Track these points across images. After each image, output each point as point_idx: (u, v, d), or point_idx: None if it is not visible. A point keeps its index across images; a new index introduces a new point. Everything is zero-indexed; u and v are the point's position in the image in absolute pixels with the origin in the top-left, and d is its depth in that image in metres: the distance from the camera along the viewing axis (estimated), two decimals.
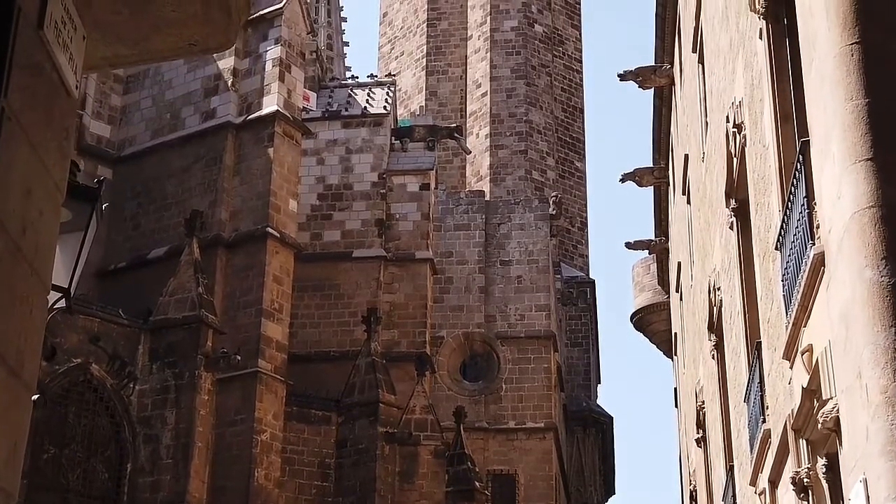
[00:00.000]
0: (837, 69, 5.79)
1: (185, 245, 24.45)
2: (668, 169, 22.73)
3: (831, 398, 6.33)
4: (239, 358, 23.54)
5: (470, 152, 44.63)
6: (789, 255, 7.47)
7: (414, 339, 31.67)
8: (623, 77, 21.05)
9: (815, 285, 6.61)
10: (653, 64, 21.11)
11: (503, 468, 34.87)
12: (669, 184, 22.88)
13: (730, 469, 13.28)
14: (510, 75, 47.24)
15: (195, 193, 26.79)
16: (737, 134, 10.54)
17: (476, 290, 36.25)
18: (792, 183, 7.29)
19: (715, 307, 13.73)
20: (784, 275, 7.80)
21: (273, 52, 27.30)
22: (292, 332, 27.37)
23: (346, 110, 33.53)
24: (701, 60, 14.78)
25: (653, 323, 28.69)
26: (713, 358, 14.47)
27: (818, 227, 6.48)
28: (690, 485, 21.14)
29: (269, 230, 25.71)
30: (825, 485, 7.38)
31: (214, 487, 23.26)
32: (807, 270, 6.66)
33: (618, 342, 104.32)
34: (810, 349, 6.92)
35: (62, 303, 5.28)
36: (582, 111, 49.83)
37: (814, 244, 6.51)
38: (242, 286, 25.51)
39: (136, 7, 4.25)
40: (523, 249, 36.96)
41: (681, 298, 21.91)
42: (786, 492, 8.48)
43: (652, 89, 21.69)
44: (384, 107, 33.80)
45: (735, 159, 10.81)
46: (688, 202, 18.14)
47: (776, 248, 8.13)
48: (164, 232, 26.81)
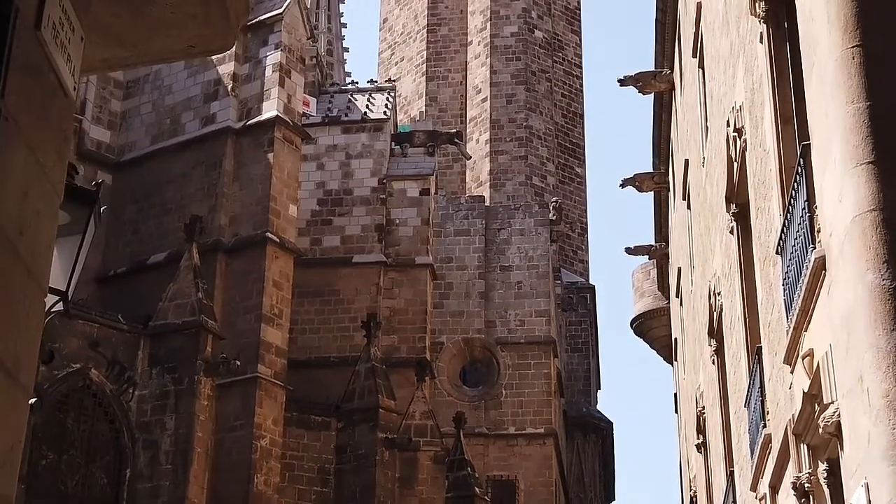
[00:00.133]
0: (838, 73, 5.78)
1: (185, 250, 24.42)
2: (669, 174, 22.72)
3: (832, 402, 6.31)
4: (238, 363, 23.50)
5: (470, 157, 44.64)
6: (790, 259, 7.45)
7: (414, 345, 31.63)
8: (623, 82, 21.04)
9: (816, 289, 6.59)
10: (653, 69, 21.11)
11: (503, 474, 34.83)
12: (669, 189, 22.87)
13: (730, 474, 13.25)
14: (510, 81, 47.26)
15: (195, 198, 26.76)
16: (737, 138, 10.53)
17: (476, 296, 36.23)
18: (793, 187, 7.28)
19: (715, 312, 13.71)
20: (785, 279, 7.78)
21: (273, 58, 27.29)
22: (292, 338, 27.33)
23: (346, 116, 33.51)
24: (701, 65, 14.78)
25: (653, 328, 28.67)
26: (713, 363, 14.44)
27: (819, 231, 6.47)
28: (691, 490, 21.10)
29: (269, 235, 25.69)
30: (826, 490, 7.35)
31: (214, 493, 23.21)
32: (808, 274, 6.64)
33: (618, 348, 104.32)
34: (811, 353, 6.90)
35: (60, 306, 5.25)
36: (582, 116, 49.84)
37: (815, 248, 6.49)
38: (242, 291, 25.48)
39: (135, 9, 4.24)
40: (523, 255, 36.95)
41: (681, 304, 21.89)
42: (787, 497, 8.45)
43: (652, 94, 21.69)
44: (384, 112, 33.79)
45: (735, 163, 10.80)
46: (688, 207, 18.13)
47: (777, 253, 8.11)
48: (164, 237, 26.78)
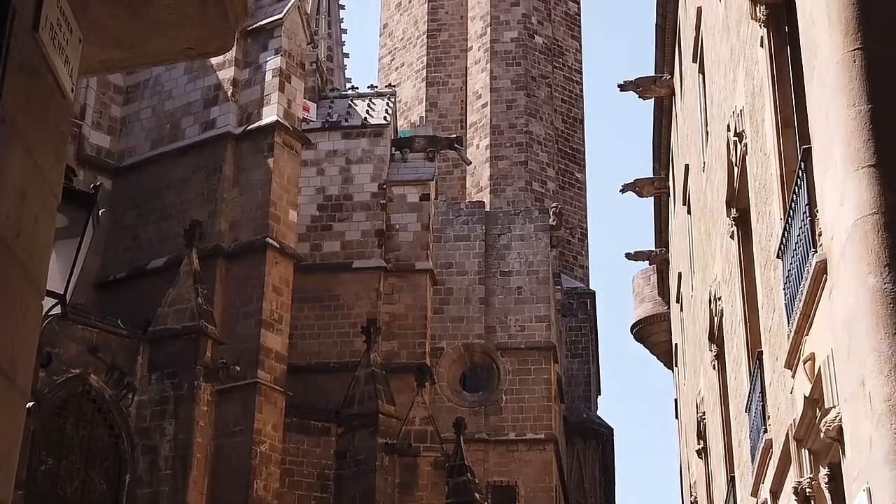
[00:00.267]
0: (839, 76, 5.76)
1: (185, 255, 24.41)
2: (669, 179, 22.70)
3: (834, 407, 6.28)
4: (238, 369, 23.48)
5: (470, 163, 44.63)
6: (791, 264, 7.43)
7: (414, 350, 31.60)
8: (623, 87, 21.04)
9: (818, 293, 6.57)
10: (653, 74, 21.10)
11: (503, 479, 34.77)
12: (670, 194, 22.86)
13: (731, 480, 13.23)
14: (510, 86, 47.27)
15: (195, 204, 26.75)
16: (738, 143, 10.51)
17: (476, 301, 36.19)
18: (793, 191, 7.26)
19: (716, 317, 13.69)
20: (786, 283, 7.75)
21: (273, 63, 27.29)
22: (292, 343, 27.31)
23: (346, 121, 33.51)
24: (701, 70, 14.77)
25: (653, 334, 28.64)
26: (714, 368, 14.42)
27: (820, 235, 6.44)
28: (691, 496, 21.06)
29: (269, 241, 25.67)
30: (828, 495, 7.33)
31: (213, 499, 23.17)
32: (809, 278, 6.61)
33: (618, 353, 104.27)
34: (812, 358, 6.88)
35: (58, 309, 5.23)
36: (582, 122, 49.85)
37: (816, 252, 6.46)
38: (242, 297, 25.46)
39: (133, 10, 4.22)
40: (523, 260, 36.91)
41: (681, 309, 21.87)
42: (788, 502, 8.42)
43: (652, 100, 21.69)
44: (384, 117, 33.79)
45: (736, 168, 10.78)
46: (688, 212, 18.12)
47: (778, 257, 8.09)
48: (164, 242, 26.75)
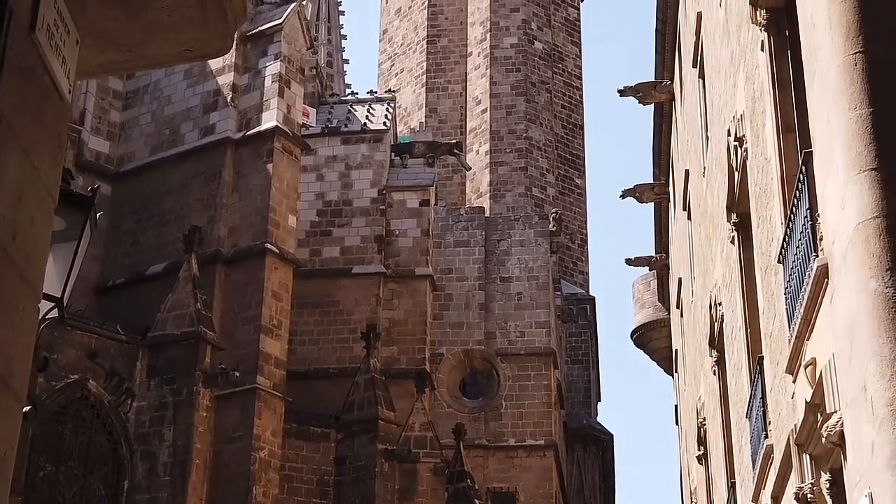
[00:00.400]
0: (841, 79, 5.74)
1: (184, 261, 24.37)
2: (669, 185, 22.68)
3: (835, 412, 6.26)
4: (237, 374, 23.43)
5: (470, 168, 44.63)
6: (792, 268, 7.40)
7: (413, 356, 31.56)
8: (623, 93, 21.03)
9: (819, 298, 6.55)
10: (653, 79, 21.09)
11: (503, 486, 34.72)
12: (670, 200, 22.84)
13: (732, 486, 13.19)
14: (510, 92, 47.28)
15: (194, 209, 26.72)
16: (738, 147, 10.49)
17: (476, 307, 36.16)
18: (794, 195, 7.23)
19: (716, 323, 13.66)
20: (787, 288, 7.73)
21: (272, 68, 27.28)
22: (291, 349, 27.27)
23: (346, 126, 33.50)
24: (701, 75, 14.76)
25: (653, 340, 28.60)
26: (714, 374, 14.39)
27: (821, 239, 6.42)
28: (692, 502, 21.01)
29: (268, 246, 25.63)
30: (829, 500, 7.30)
31: None
32: (810, 283, 6.59)
33: (618, 359, 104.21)
34: (814, 362, 6.85)
35: (55, 313, 5.20)
36: (582, 128, 49.85)
37: (817, 256, 6.44)
38: (241, 302, 25.42)
39: (132, 11, 4.19)
40: (523, 266, 36.89)
41: (681, 315, 21.84)
42: None
43: (652, 105, 21.67)
44: (384, 123, 33.78)
45: (736, 173, 10.76)
46: (688, 218, 18.10)
47: (779, 262, 8.07)
48: (163, 248, 26.72)
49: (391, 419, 27.14)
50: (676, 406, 27.79)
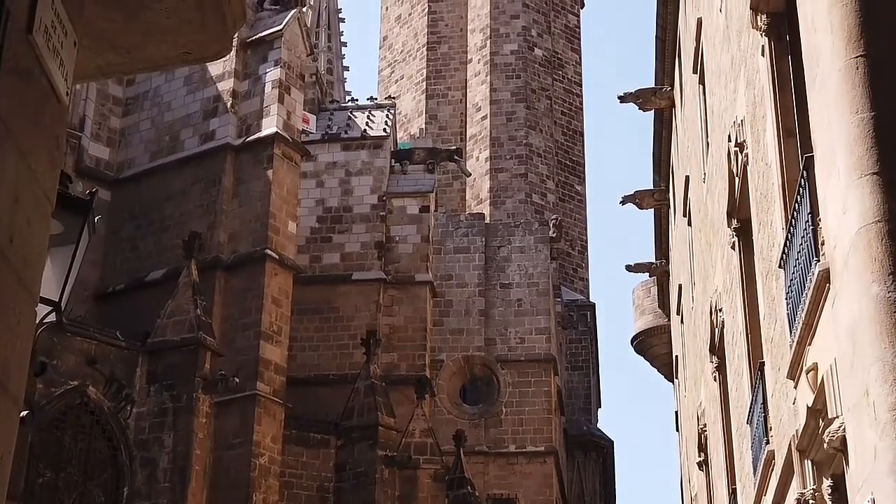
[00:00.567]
0: (842, 82, 5.72)
1: (184, 267, 24.36)
2: (669, 191, 22.67)
3: (837, 417, 6.22)
4: (237, 380, 23.40)
5: (470, 175, 44.61)
6: (793, 273, 7.38)
7: (413, 362, 31.54)
8: (623, 99, 21.01)
9: (820, 302, 6.52)
10: (653, 86, 21.08)
11: (503, 492, 34.63)
12: (670, 206, 22.82)
13: (732, 492, 13.15)
14: (510, 98, 47.28)
15: (194, 215, 26.71)
16: (738, 153, 10.47)
17: (476, 313, 36.11)
18: (796, 200, 7.21)
19: (717, 328, 13.63)
20: (788, 293, 7.70)
21: (272, 74, 27.28)
22: (291, 355, 27.24)
23: (346, 133, 33.51)
24: (702, 81, 14.75)
25: (653, 346, 28.56)
26: (715, 380, 14.35)
27: (823, 244, 6.39)
28: None
29: (268, 252, 25.62)
30: None
31: None
32: (811, 287, 6.56)
33: (618, 366, 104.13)
34: (815, 368, 6.82)
35: (53, 317, 5.17)
36: (582, 134, 49.85)
37: (819, 261, 6.41)
38: (241, 308, 25.40)
39: (130, 13, 4.17)
40: (523, 272, 36.85)
41: (682, 321, 21.81)
42: None
43: (652, 111, 21.66)
44: (384, 129, 33.79)
45: (737, 178, 10.74)
46: (689, 224, 18.08)
47: (780, 267, 8.04)
48: (163, 254, 26.71)
49: (391, 425, 27.11)
50: (677, 412, 27.75)
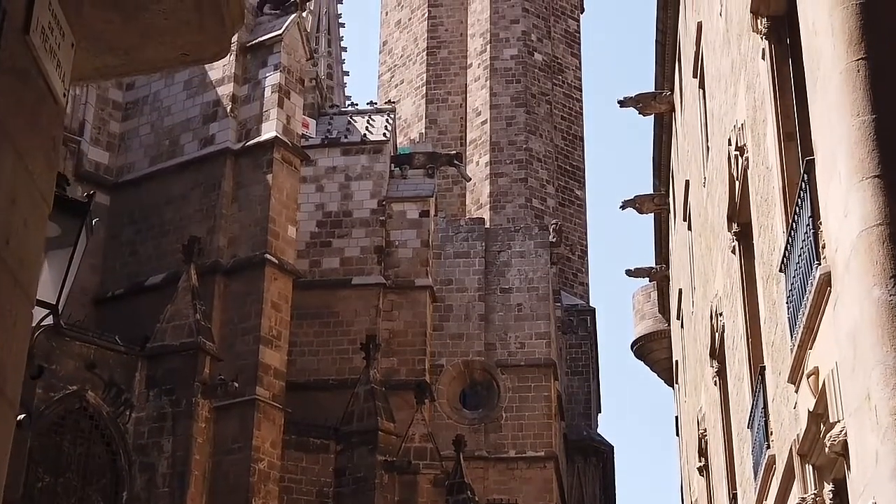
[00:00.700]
0: (844, 85, 5.70)
1: (183, 271, 24.32)
2: (669, 195, 22.65)
3: (839, 421, 6.20)
4: (237, 385, 23.35)
5: (470, 179, 44.61)
6: (794, 277, 7.35)
7: (413, 367, 31.50)
8: (623, 103, 21.00)
9: (822, 306, 6.49)
10: (653, 90, 21.07)
11: (503, 497, 34.58)
12: (670, 210, 22.80)
13: (733, 497, 13.12)
14: (510, 103, 47.28)
15: (193, 220, 26.67)
16: (739, 157, 10.46)
17: (476, 318, 36.08)
18: (796, 203, 7.19)
19: (717, 333, 13.61)
20: (789, 297, 7.67)
21: (272, 79, 27.26)
22: (291, 360, 27.20)
23: (346, 137, 33.49)
24: (702, 85, 14.74)
25: (653, 351, 28.53)
26: (715, 385, 14.33)
27: (824, 247, 6.37)
28: None
29: (268, 257, 25.58)
30: None
31: None
32: (812, 291, 6.54)
33: (618, 370, 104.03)
34: (816, 372, 6.80)
35: (51, 320, 5.14)
36: (582, 139, 49.85)
37: (820, 264, 6.39)
38: (240, 313, 25.36)
39: (128, 15, 4.15)
40: (523, 277, 36.83)
41: (682, 326, 21.78)
42: None
43: (652, 116, 21.65)
44: (384, 134, 33.77)
45: (737, 182, 10.72)
46: (689, 228, 18.06)
47: (780, 270, 8.02)
48: (162, 258, 26.67)
49: (391, 430, 27.06)
50: (677, 417, 27.72)
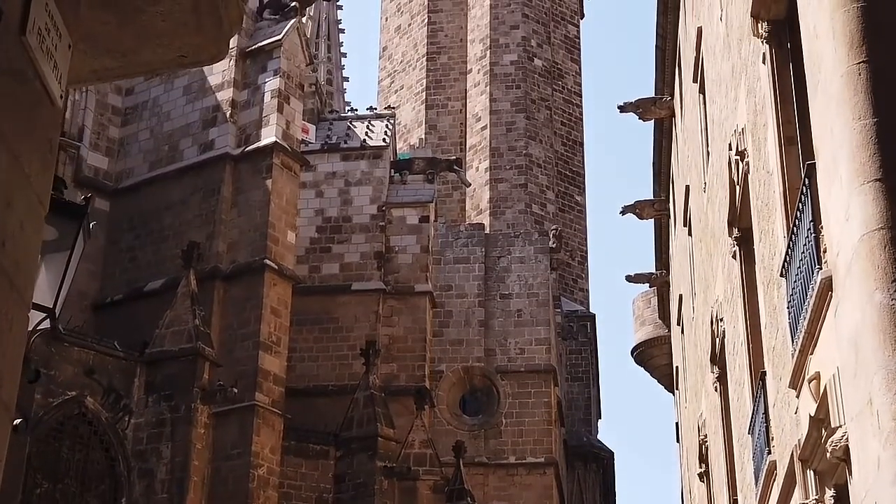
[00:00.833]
0: (845, 89, 5.68)
1: (182, 277, 24.29)
2: (669, 201, 22.63)
3: (840, 426, 6.17)
4: (236, 391, 23.30)
5: (469, 185, 44.59)
6: (795, 281, 7.33)
7: (413, 373, 31.45)
8: (623, 109, 20.98)
9: (823, 311, 6.47)
10: (653, 95, 21.05)
11: None
12: (670, 216, 22.78)
13: (734, 503, 13.08)
14: (510, 109, 47.26)
15: (193, 225, 26.64)
16: (739, 161, 10.43)
17: (476, 324, 36.03)
18: (797, 207, 7.16)
19: (717, 338, 13.59)
20: (790, 302, 7.64)
21: (272, 84, 27.24)
22: (290, 366, 27.15)
23: (346, 143, 33.48)
24: (702, 90, 14.72)
25: (654, 357, 28.50)
26: (716, 390, 14.30)
27: (825, 252, 6.35)
28: None
29: (267, 262, 25.55)
30: None
31: None
32: (814, 296, 6.51)
33: (618, 376, 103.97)
34: (818, 377, 6.77)
35: (47, 324, 5.11)
36: (582, 145, 49.84)
37: (821, 269, 6.37)
38: (240, 318, 25.32)
39: (125, 17, 4.12)
40: (523, 283, 36.77)
41: (682, 332, 21.75)
42: None
43: (652, 121, 21.63)
44: (383, 139, 33.76)
45: (738, 187, 10.70)
46: (689, 234, 18.03)
47: (781, 275, 7.99)
48: (161, 264, 26.63)
49: (391, 436, 27.02)
50: (677, 423, 27.68)
